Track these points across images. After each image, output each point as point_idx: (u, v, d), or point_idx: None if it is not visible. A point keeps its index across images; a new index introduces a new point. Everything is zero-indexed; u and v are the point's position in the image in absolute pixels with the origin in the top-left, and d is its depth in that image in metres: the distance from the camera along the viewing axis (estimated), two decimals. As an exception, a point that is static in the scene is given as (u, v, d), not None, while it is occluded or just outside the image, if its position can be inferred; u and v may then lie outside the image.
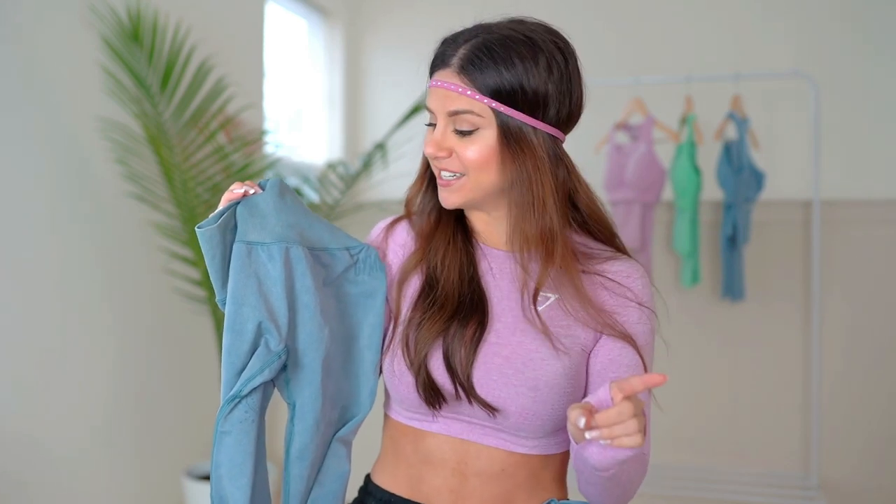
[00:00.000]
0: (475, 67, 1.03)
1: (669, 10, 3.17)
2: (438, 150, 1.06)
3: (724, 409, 3.02)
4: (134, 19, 2.25)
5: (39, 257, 2.14)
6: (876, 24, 2.94)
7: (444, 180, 1.08)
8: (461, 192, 1.08)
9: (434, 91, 1.06)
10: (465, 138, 1.05)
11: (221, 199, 1.06)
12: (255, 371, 1.01)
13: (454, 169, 1.07)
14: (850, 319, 2.89)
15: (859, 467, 2.88)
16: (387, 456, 1.18)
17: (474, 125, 1.04)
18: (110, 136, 2.33)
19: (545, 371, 1.06)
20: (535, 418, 1.06)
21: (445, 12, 3.46)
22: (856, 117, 2.93)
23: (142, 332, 2.51)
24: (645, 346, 1.09)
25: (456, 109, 1.04)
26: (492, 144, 1.04)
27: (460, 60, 1.04)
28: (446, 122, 1.06)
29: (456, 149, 1.06)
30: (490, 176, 1.06)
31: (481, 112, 1.03)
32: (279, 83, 3.33)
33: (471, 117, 1.03)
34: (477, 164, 1.05)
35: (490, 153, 1.05)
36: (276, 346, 1.03)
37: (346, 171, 2.85)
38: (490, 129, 1.04)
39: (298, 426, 1.05)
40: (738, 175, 2.73)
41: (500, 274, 1.13)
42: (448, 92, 1.04)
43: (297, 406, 1.06)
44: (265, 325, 1.03)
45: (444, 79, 1.05)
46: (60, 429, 2.21)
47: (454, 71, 1.04)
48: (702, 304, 2.99)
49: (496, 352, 1.08)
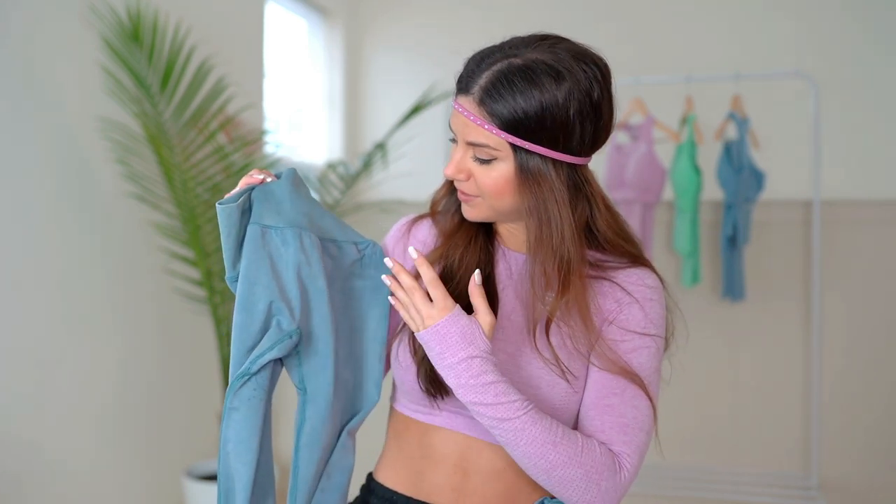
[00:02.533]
0: (493, 100, 1.01)
1: (669, 10, 3.17)
2: (457, 172, 1.07)
3: (724, 409, 3.02)
4: (134, 19, 2.25)
5: (39, 257, 2.14)
6: (877, 24, 2.94)
7: (464, 195, 1.10)
8: (478, 209, 1.09)
9: (455, 114, 1.06)
10: (483, 166, 1.05)
11: (239, 183, 1.08)
12: (265, 348, 1.03)
13: (471, 192, 1.08)
14: (850, 319, 2.89)
15: (859, 467, 2.88)
16: (390, 452, 1.19)
17: (492, 156, 1.04)
18: (110, 136, 2.33)
19: (547, 370, 1.07)
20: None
21: (445, 12, 3.46)
22: (856, 117, 2.93)
23: (142, 332, 2.51)
24: (646, 373, 1.08)
25: (473, 141, 1.04)
26: (509, 176, 1.04)
27: (481, 91, 1.02)
28: (465, 147, 1.06)
29: (474, 173, 1.06)
30: (506, 202, 1.07)
31: (498, 146, 1.02)
32: (279, 83, 3.33)
33: (488, 150, 1.03)
34: (493, 192, 1.05)
35: (506, 184, 1.05)
36: (287, 325, 1.04)
37: (346, 171, 2.85)
38: (507, 161, 1.03)
39: (310, 411, 1.06)
40: (738, 175, 2.73)
41: (517, 277, 1.13)
42: (467, 121, 1.04)
43: (308, 391, 1.06)
44: (276, 306, 1.04)
45: (465, 106, 1.04)
46: (60, 429, 2.21)
47: (474, 100, 1.03)
48: (702, 304, 2.99)
49: (501, 348, 1.09)
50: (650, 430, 1.07)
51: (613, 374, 1.06)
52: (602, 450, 1.03)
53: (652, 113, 2.81)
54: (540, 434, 1.00)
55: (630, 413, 1.05)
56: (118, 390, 2.42)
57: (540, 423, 1.00)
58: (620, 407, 1.05)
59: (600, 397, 1.06)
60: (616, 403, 1.05)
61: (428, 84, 3.00)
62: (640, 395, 1.06)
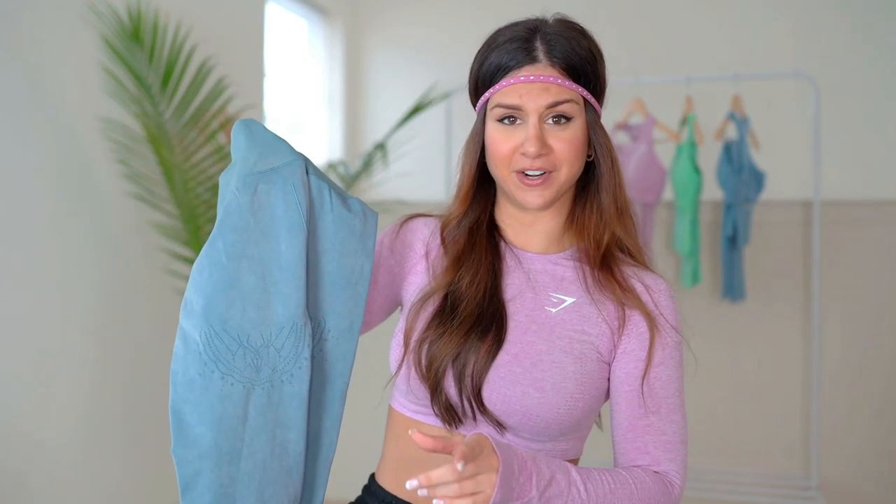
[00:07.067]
0: (565, 59, 1.06)
1: (669, 10, 3.18)
2: (542, 145, 1.05)
3: (724, 409, 3.02)
4: (134, 19, 2.25)
5: (40, 257, 2.14)
6: (876, 24, 2.94)
7: (532, 180, 1.07)
8: (551, 188, 1.08)
9: (526, 87, 1.05)
10: (560, 131, 1.06)
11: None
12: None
13: (545, 167, 1.06)
14: (850, 319, 2.89)
15: (859, 467, 2.88)
16: (389, 453, 1.18)
17: (572, 114, 1.06)
18: (111, 136, 2.33)
19: (553, 372, 1.05)
20: (540, 421, 1.05)
21: (445, 12, 3.47)
22: (856, 117, 2.93)
23: (142, 332, 2.51)
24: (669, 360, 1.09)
25: (556, 100, 1.05)
26: (583, 132, 1.08)
27: (551, 54, 1.06)
28: (540, 116, 1.06)
29: (551, 142, 1.06)
30: (578, 166, 1.09)
31: (577, 100, 1.07)
32: (279, 83, 3.33)
33: (570, 106, 1.06)
34: (574, 154, 1.07)
35: (582, 142, 1.08)
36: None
37: (346, 171, 2.85)
38: (581, 117, 1.08)
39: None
40: (738, 175, 2.73)
41: (529, 277, 1.12)
42: (547, 84, 1.05)
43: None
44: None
45: (539, 72, 1.05)
46: (60, 427, 2.21)
47: (548, 63, 1.06)
48: (702, 304, 2.99)
49: (507, 349, 1.07)
50: (687, 439, 1.08)
51: (641, 392, 1.06)
52: (652, 478, 1.04)
53: (652, 113, 2.81)
54: (594, 489, 0.98)
55: (670, 429, 1.06)
56: (119, 389, 2.42)
57: (590, 484, 0.98)
58: (659, 424, 1.06)
59: (636, 418, 1.06)
60: (654, 422, 1.06)
61: (428, 84, 3.00)
62: (675, 408, 1.07)
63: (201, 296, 0.98)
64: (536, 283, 1.12)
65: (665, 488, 1.04)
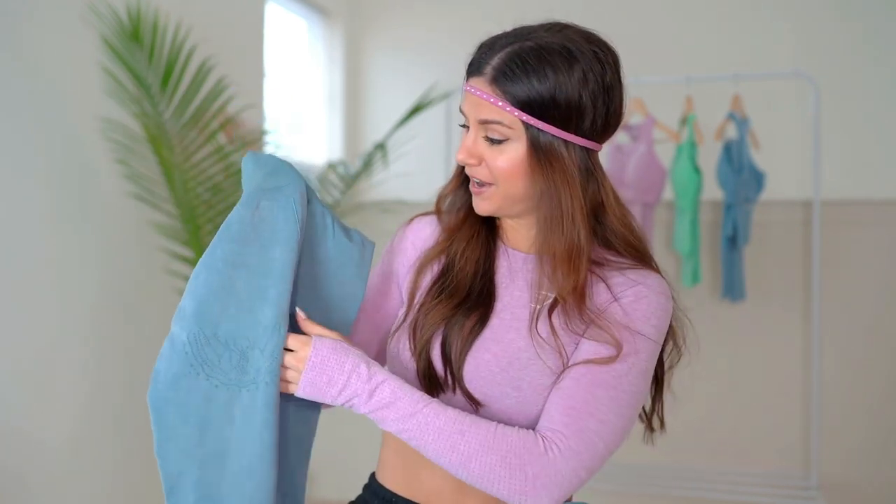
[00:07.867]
0: (507, 79, 1.01)
1: (669, 10, 3.18)
2: (469, 156, 1.06)
3: (724, 409, 3.02)
4: (134, 19, 2.25)
5: (39, 257, 2.14)
6: (876, 24, 2.94)
7: (476, 188, 1.09)
8: (491, 200, 1.08)
9: (467, 96, 1.06)
10: (495, 147, 1.04)
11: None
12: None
13: (483, 178, 1.06)
14: (850, 319, 2.89)
15: (859, 467, 2.88)
16: (388, 451, 1.18)
17: (504, 136, 1.03)
18: (110, 136, 2.33)
19: (529, 371, 1.05)
20: (522, 418, 1.05)
21: (445, 12, 3.47)
22: (856, 117, 2.93)
23: (142, 332, 2.51)
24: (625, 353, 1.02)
25: (486, 119, 1.03)
26: (521, 156, 1.03)
27: (493, 70, 1.02)
28: (477, 129, 1.05)
29: (486, 157, 1.05)
30: (518, 187, 1.05)
31: (511, 124, 1.02)
32: (279, 83, 3.33)
33: (500, 128, 1.03)
34: (505, 174, 1.04)
35: (519, 165, 1.04)
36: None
37: (346, 171, 2.85)
38: (520, 141, 1.03)
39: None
40: (738, 175, 2.73)
41: (517, 275, 1.12)
42: (479, 100, 1.04)
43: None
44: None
45: (477, 86, 1.04)
46: (59, 427, 2.21)
47: (487, 80, 1.03)
48: (702, 304, 2.99)
49: (487, 347, 1.07)
50: (611, 423, 0.99)
51: (582, 364, 1.02)
52: (520, 432, 0.99)
53: (652, 113, 2.81)
54: (445, 425, 0.98)
55: (583, 398, 0.99)
56: (119, 389, 2.42)
57: (444, 414, 0.98)
58: (573, 390, 1.00)
59: (557, 382, 1.04)
60: (569, 387, 1.01)
61: (428, 84, 3.00)
62: (605, 386, 1.00)
63: (194, 299, 1.01)
64: (522, 278, 1.12)
65: (536, 447, 0.97)
